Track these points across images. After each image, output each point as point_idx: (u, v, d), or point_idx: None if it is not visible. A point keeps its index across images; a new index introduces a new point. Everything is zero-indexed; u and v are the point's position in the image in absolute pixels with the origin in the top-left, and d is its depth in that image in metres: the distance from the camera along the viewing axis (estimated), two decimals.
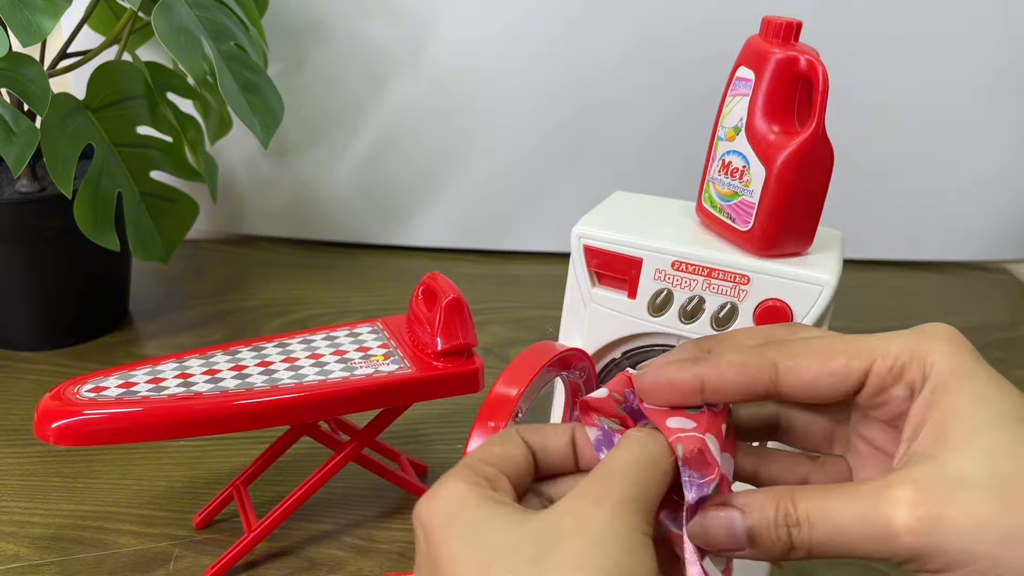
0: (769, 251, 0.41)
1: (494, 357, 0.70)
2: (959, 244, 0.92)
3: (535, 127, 0.85)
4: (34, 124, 0.57)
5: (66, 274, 0.67)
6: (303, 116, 0.86)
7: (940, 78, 0.83)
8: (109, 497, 0.53)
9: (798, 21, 0.40)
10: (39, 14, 0.53)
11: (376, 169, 0.88)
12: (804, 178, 0.40)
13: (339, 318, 0.76)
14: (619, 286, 0.44)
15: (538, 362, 0.38)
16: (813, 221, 0.41)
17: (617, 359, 0.45)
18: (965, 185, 0.88)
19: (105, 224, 0.62)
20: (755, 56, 0.41)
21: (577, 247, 0.44)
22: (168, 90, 0.68)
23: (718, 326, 0.42)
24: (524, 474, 0.29)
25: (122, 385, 0.44)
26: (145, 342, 0.71)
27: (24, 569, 0.47)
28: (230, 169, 0.88)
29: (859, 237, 0.89)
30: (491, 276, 0.86)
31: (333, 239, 0.92)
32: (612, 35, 0.81)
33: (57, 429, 0.41)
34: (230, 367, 0.46)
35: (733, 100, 0.42)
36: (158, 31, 0.55)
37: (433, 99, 0.85)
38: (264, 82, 0.64)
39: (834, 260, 0.42)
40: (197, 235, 0.93)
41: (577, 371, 0.43)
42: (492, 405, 0.36)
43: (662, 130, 0.85)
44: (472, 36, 0.82)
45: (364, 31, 0.82)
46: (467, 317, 0.48)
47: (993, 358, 0.73)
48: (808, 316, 0.40)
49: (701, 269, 0.41)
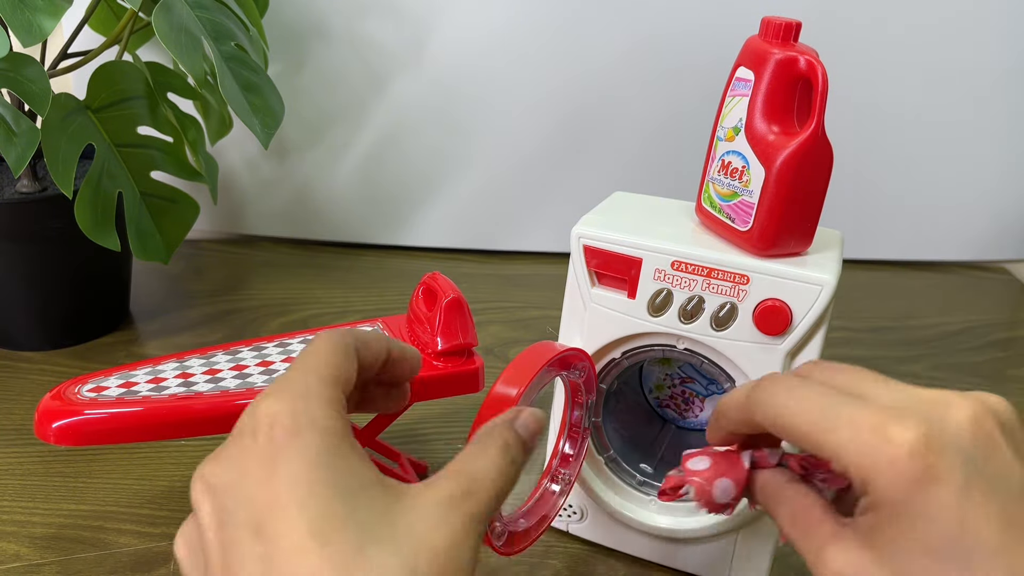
0: (769, 251, 0.41)
1: (494, 357, 0.70)
2: (959, 244, 0.92)
3: (535, 127, 0.85)
4: (35, 124, 0.57)
5: (66, 274, 0.67)
6: (303, 116, 0.86)
7: (940, 78, 0.83)
8: (110, 497, 0.53)
9: (797, 21, 0.40)
10: (40, 14, 0.53)
11: (376, 169, 0.88)
12: (804, 178, 0.40)
13: (339, 318, 0.76)
14: (619, 286, 0.44)
15: (538, 362, 0.38)
16: (812, 221, 0.41)
17: (617, 359, 0.45)
18: (965, 185, 0.88)
19: (106, 224, 0.62)
20: (754, 56, 0.41)
21: (577, 247, 0.44)
22: (169, 90, 0.68)
23: (717, 326, 0.42)
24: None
25: (123, 385, 0.44)
26: (146, 342, 0.71)
27: (24, 569, 0.47)
28: (230, 169, 0.88)
29: (859, 237, 0.89)
30: (491, 276, 0.87)
31: (333, 239, 0.92)
32: (612, 35, 0.81)
33: (58, 429, 0.41)
34: (231, 367, 0.46)
35: (733, 100, 0.42)
36: (158, 31, 0.56)
37: (433, 99, 0.85)
38: (264, 82, 0.64)
39: (833, 260, 0.42)
40: (197, 235, 0.93)
41: (577, 371, 0.43)
42: (492, 405, 0.36)
43: (662, 130, 0.85)
44: (472, 36, 0.82)
45: (364, 31, 0.82)
46: (467, 317, 0.48)
47: (993, 358, 0.74)
48: (807, 316, 0.40)
49: (701, 269, 0.41)
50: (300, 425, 0.27)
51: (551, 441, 0.47)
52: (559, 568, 0.49)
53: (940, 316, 0.82)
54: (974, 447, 0.27)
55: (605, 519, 0.49)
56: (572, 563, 0.49)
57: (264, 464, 0.26)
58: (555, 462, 0.45)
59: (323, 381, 0.29)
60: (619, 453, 0.48)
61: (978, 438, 0.27)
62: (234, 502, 0.27)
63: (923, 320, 0.81)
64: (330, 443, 0.27)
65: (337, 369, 0.30)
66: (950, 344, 0.77)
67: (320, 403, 0.28)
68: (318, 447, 0.27)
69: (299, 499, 0.25)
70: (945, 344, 0.77)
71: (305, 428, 0.27)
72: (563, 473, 0.45)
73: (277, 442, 0.27)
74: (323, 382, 0.29)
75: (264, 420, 0.27)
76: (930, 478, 0.26)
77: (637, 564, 0.49)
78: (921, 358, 0.74)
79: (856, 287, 0.85)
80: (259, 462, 0.27)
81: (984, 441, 0.27)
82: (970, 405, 0.28)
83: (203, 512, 0.27)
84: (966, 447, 0.27)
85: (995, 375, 0.71)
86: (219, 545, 0.27)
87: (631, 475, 0.48)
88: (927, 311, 0.83)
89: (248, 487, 0.26)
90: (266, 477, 0.26)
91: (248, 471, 0.27)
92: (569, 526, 0.50)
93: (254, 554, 0.25)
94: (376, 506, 0.26)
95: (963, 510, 0.26)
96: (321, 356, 0.30)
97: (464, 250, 0.91)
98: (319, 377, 0.29)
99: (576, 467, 0.45)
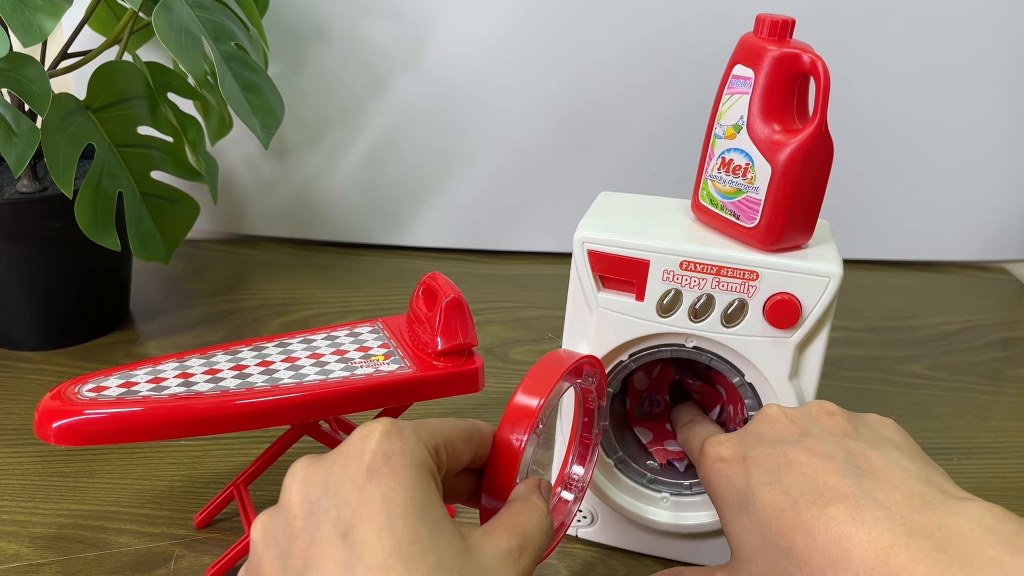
0: (775, 245, 0.41)
1: (494, 357, 0.70)
2: (959, 244, 0.92)
3: (535, 127, 0.85)
4: (35, 124, 0.57)
5: (67, 274, 0.67)
6: (303, 116, 0.86)
7: (940, 78, 0.83)
8: (110, 496, 0.53)
9: (792, 18, 0.40)
10: (40, 14, 0.53)
11: (376, 169, 0.88)
12: (809, 173, 0.40)
13: (339, 318, 0.76)
14: (626, 289, 0.44)
15: (557, 371, 0.38)
16: (815, 215, 0.42)
17: (624, 361, 0.45)
18: (965, 185, 0.88)
19: (106, 224, 0.62)
20: (752, 54, 0.41)
21: (580, 252, 0.43)
22: (169, 90, 0.68)
23: (727, 323, 0.42)
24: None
25: (123, 385, 0.44)
26: (146, 342, 0.71)
27: (25, 568, 0.47)
28: (230, 169, 0.88)
29: (859, 237, 0.89)
30: (491, 276, 0.86)
31: (333, 239, 0.92)
32: (612, 35, 0.81)
33: (58, 429, 0.41)
34: (231, 367, 0.46)
35: (731, 98, 0.42)
36: (158, 31, 0.56)
37: (434, 99, 0.85)
38: (265, 82, 0.64)
39: (834, 251, 0.42)
40: (198, 235, 0.93)
41: (590, 378, 0.43)
42: (514, 415, 0.36)
43: (663, 129, 0.85)
44: (472, 36, 0.82)
45: (364, 31, 0.82)
46: (467, 317, 0.48)
47: (993, 358, 0.74)
48: (816, 308, 0.41)
49: (710, 267, 0.41)
50: (404, 452, 0.29)
51: (562, 450, 0.47)
52: (558, 568, 0.49)
53: (940, 316, 0.82)
54: (761, 428, 0.38)
55: (616, 521, 0.49)
56: (572, 563, 0.49)
57: (364, 476, 0.28)
58: (567, 470, 0.45)
59: (433, 435, 0.32)
60: (627, 453, 0.48)
61: (765, 423, 0.38)
62: (328, 500, 0.28)
63: (923, 320, 0.81)
64: (424, 477, 0.29)
65: (446, 439, 0.33)
66: (950, 344, 0.77)
67: (422, 445, 0.31)
68: (414, 477, 0.29)
69: (390, 518, 0.27)
70: (945, 344, 0.77)
71: (407, 456, 0.29)
72: (576, 480, 0.45)
73: (379, 460, 0.29)
74: (433, 436, 0.32)
75: (373, 440, 0.29)
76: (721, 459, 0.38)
77: (637, 564, 0.49)
78: (920, 358, 0.74)
79: (856, 287, 0.85)
80: (360, 473, 0.28)
81: (768, 422, 0.38)
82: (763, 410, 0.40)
83: (293, 501, 0.29)
84: (752, 431, 0.38)
85: (994, 375, 0.71)
86: (306, 536, 0.28)
87: (641, 474, 0.48)
88: (927, 311, 0.83)
89: (345, 491, 0.28)
90: (363, 487, 0.28)
91: (348, 476, 0.28)
92: (578, 531, 0.50)
93: (337, 557, 0.26)
94: (452, 543, 0.28)
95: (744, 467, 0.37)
96: (441, 424, 0.33)
97: (464, 250, 0.91)
98: (431, 432, 0.32)
99: (588, 473, 0.45)
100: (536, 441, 0.37)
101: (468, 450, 0.34)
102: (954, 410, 0.66)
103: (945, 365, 0.73)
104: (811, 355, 0.42)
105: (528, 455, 0.37)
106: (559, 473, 0.46)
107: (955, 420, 0.65)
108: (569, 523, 0.44)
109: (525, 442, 0.36)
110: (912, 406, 0.66)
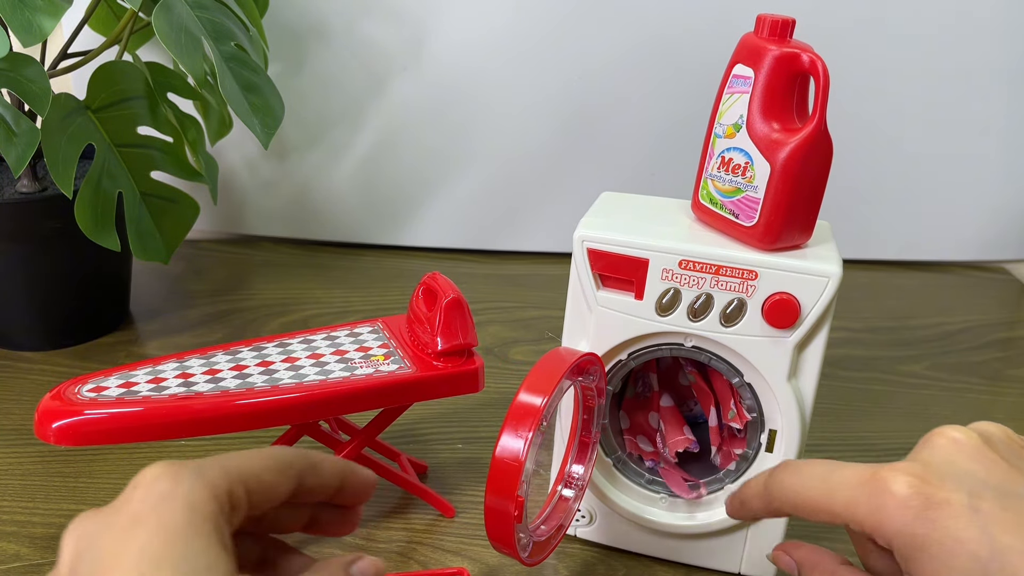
0: (774, 244, 0.41)
1: (494, 357, 0.70)
2: (958, 244, 0.92)
3: (535, 127, 0.85)
4: (35, 124, 0.57)
5: (67, 274, 0.67)
6: (303, 116, 0.86)
7: (940, 78, 0.83)
8: (110, 497, 0.52)
9: (792, 18, 0.40)
10: (40, 14, 0.53)
11: (376, 169, 0.88)
12: (808, 172, 0.40)
13: (339, 318, 0.76)
14: (625, 288, 0.44)
15: (559, 369, 0.38)
16: (814, 214, 0.42)
17: (623, 360, 0.45)
18: (965, 185, 0.88)
19: (106, 224, 0.62)
20: (752, 53, 0.41)
21: (580, 251, 0.44)
22: (169, 90, 0.68)
23: (726, 322, 0.42)
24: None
25: (123, 385, 0.44)
26: (145, 342, 0.71)
27: (25, 568, 0.47)
28: (230, 169, 0.88)
29: (859, 237, 0.89)
30: (491, 276, 0.86)
31: (333, 239, 0.92)
32: (612, 35, 0.81)
33: (58, 429, 0.41)
34: (231, 367, 0.46)
35: (731, 98, 0.42)
36: (158, 31, 0.56)
37: (433, 99, 0.85)
38: (264, 82, 0.64)
39: (833, 250, 0.42)
40: (197, 235, 0.93)
41: (591, 376, 0.43)
42: (518, 414, 0.36)
43: (662, 129, 0.85)
44: (472, 36, 0.82)
45: (364, 31, 0.82)
46: (467, 317, 0.48)
47: (993, 358, 0.74)
48: (815, 308, 0.41)
49: (709, 267, 0.42)
50: (175, 497, 0.27)
51: (562, 448, 0.47)
52: (557, 568, 0.49)
53: (939, 316, 0.82)
54: (971, 465, 0.28)
55: (613, 520, 0.49)
56: (571, 563, 0.49)
57: (126, 525, 0.26)
58: (567, 468, 0.45)
59: (225, 473, 0.28)
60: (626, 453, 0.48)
61: (972, 457, 0.29)
62: (90, 553, 0.26)
63: (923, 320, 0.81)
64: (196, 523, 0.26)
65: (250, 473, 0.29)
66: (950, 344, 0.77)
67: (205, 486, 0.27)
68: (182, 524, 0.26)
69: (140, 570, 0.25)
70: (945, 344, 0.77)
71: (178, 501, 0.27)
72: (576, 478, 0.45)
73: (144, 508, 0.27)
74: (225, 473, 0.28)
75: (145, 480, 0.27)
76: (934, 505, 0.27)
77: (636, 564, 0.49)
78: (921, 358, 0.74)
79: (855, 287, 0.85)
80: (123, 521, 0.27)
81: (976, 457, 0.29)
82: (947, 433, 0.30)
83: (63, 557, 0.27)
84: (962, 468, 0.28)
85: (994, 375, 0.71)
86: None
87: (639, 474, 0.48)
88: (927, 311, 0.83)
89: (105, 543, 0.26)
90: (123, 538, 0.26)
91: (111, 526, 0.27)
92: (577, 531, 0.50)
93: None
94: None
95: (979, 523, 0.27)
96: (245, 457, 0.30)
97: (464, 250, 0.91)
98: (223, 468, 0.29)
99: (588, 471, 0.45)
100: (539, 440, 0.37)
101: (285, 482, 0.30)
102: (954, 410, 0.66)
103: (945, 365, 0.73)
104: (810, 355, 0.43)
105: (531, 454, 0.37)
106: (559, 471, 0.46)
107: (955, 420, 0.63)
108: (569, 522, 0.44)
109: (529, 440, 0.36)
110: (912, 406, 0.66)
